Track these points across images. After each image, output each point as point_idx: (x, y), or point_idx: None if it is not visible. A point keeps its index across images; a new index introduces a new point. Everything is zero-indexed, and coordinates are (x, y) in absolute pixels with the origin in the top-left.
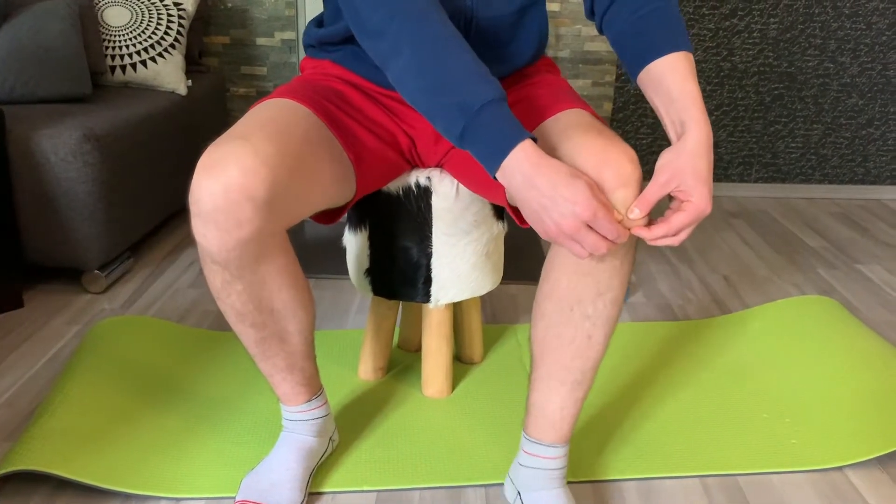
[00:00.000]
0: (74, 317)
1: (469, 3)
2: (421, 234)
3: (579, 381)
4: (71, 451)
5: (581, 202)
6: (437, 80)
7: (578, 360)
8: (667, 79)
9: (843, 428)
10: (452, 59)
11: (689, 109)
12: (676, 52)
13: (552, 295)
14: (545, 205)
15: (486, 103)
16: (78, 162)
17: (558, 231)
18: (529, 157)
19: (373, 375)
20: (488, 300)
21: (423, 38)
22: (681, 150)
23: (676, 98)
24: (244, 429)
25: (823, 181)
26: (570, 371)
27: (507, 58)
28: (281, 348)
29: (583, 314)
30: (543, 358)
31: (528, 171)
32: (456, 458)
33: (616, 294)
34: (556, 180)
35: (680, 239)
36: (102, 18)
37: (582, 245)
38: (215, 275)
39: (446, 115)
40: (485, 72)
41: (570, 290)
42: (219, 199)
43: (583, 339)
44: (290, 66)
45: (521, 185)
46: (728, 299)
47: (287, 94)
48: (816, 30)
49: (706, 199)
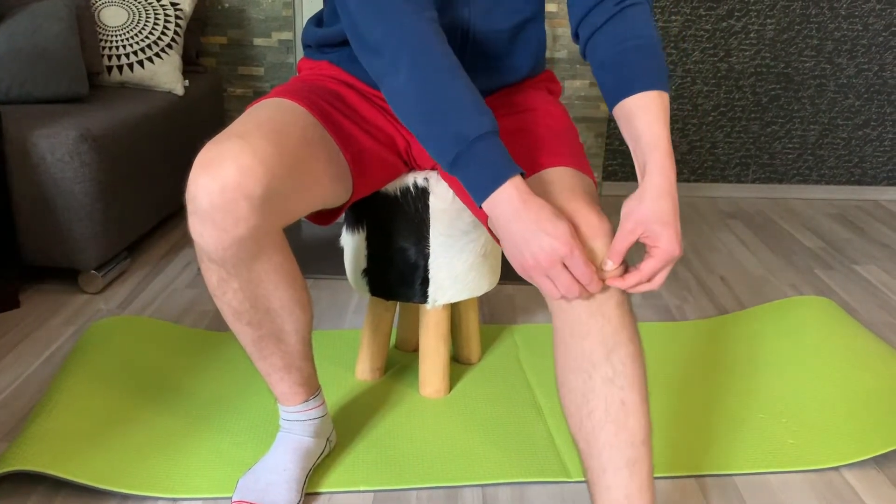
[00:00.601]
0: (71, 317)
1: (466, 15)
2: (418, 235)
3: (635, 460)
4: (68, 451)
5: (561, 238)
6: (434, 107)
7: (624, 434)
8: (636, 118)
9: (840, 428)
10: (450, 86)
11: (653, 152)
12: (650, 90)
13: (567, 364)
14: (527, 237)
15: (481, 135)
16: (75, 162)
17: (535, 264)
18: (519, 192)
19: (370, 376)
20: (486, 300)
21: (422, 62)
22: (642, 197)
23: (641, 139)
24: (241, 429)
25: (820, 182)
26: (619, 450)
27: (503, 71)
28: (278, 347)
29: (604, 378)
30: (591, 445)
31: (515, 204)
32: (453, 458)
33: (630, 350)
34: (540, 216)
35: (657, 283)
36: (99, 18)
37: (555, 283)
38: (212, 273)
39: (440, 141)
40: (480, 102)
41: (580, 353)
42: (215, 196)
43: (617, 407)
44: (288, 67)
45: (507, 217)
46: (725, 300)
47: (284, 94)
48: (813, 31)
49: (673, 242)
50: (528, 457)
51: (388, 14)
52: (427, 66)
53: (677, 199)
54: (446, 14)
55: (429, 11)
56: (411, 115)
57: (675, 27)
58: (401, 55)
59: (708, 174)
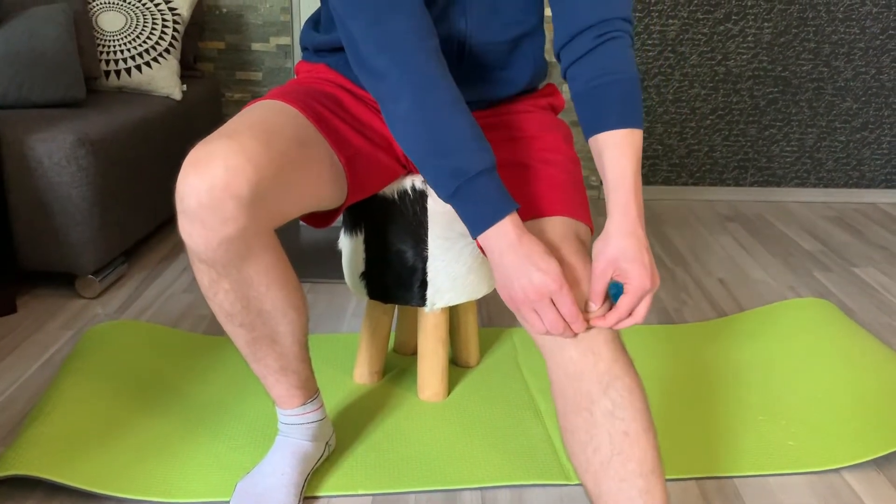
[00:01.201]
0: (68, 322)
1: (463, 27)
2: (416, 238)
3: (646, 491)
4: (65, 455)
5: (552, 273)
6: (435, 140)
7: (631, 464)
8: (605, 155)
9: (841, 430)
10: (452, 121)
11: (617, 191)
12: (621, 129)
13: (566, 405)
14: (518, 271)
15: (480, 171)
16: (72, 166)
17: (524, 297)
18: (515, 227)
19: (368, 379)
20: (484, 303)
21: (425, 95)
22: (607, 238)
23: (608, 177)
24: (239, 433)
25: (818, 185)
26: (630, 482)
27: (501, 83)
28: (272, 349)
29: (605, 412)
30: (600, 483)
31: (511, 239)
32: (452, 461)
33: (626, 383)
34: (533, 251)
35: (640, 316)
36: (97, 23)
37: (541, 318)
38: (203, 273)
39: (440, 174)
40: (480, 137)
41: (577, 394)
42: (203, 196)
43: (621, 438)
44: (286, 72)
45: (501, 250)
46: (724, 302)
47: (278, 96)
48: (810, 34)
49: (643, 277)
50: (527, 460)
51: (393, 43)
52: (430, 98)
53: (643, 234)
54: (443, 25)
55: (432, 41)
56: (412, 144)
57: (673, 31)
58: (403, 85)
59: (706, 177)
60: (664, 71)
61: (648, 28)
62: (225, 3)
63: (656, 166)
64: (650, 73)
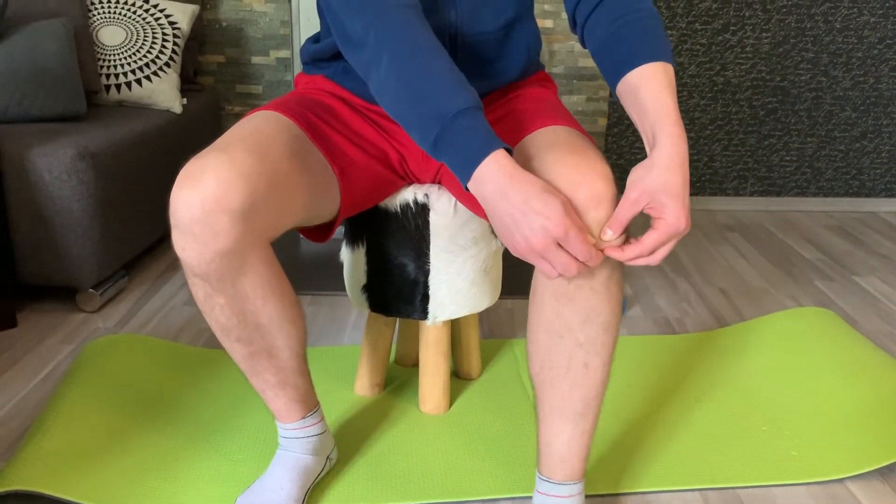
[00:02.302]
0: (68, 336)
1: (453, 19)
2: (418, 251)
3: (582, 413)
4: (65, 470)
5: (553, 218)
6: (414, 88)
7: (578, 390)
8: (642, 90)
9: (844, 439)
10: (429, 66)
11: (662, 122)
12: (654, 62)
13: (540, 323)
14: (516, 218)
15: (461, 110)
16: (72, 180)
17: (528, 247)
18: (503, 167)
19: (370, 391)
20: (485, 315)
21: (401, 47)
22: (651, 166)
23: (650, 110)
24: (239, 447)
25: (818, 194)
26: (571, 403)
27: (495, 74)
28: (270, 363)
29: (574, 342)
30: (543, 392)
31: (500, 181)
32: (454, 473)
33: (606, 319)
34: (529, 193)
35: (658, 258)
36: (97, 37)
37: (552, 264)
38: (198, 288)
39: (421, 122)
40: (461, 80)
41: (556, 316)
42: (195, 210)
43: (579, 368)
44: (286, 85)
45: (493, 196)
46: (725, 312)
47: (274, 106)
48: (808, 44)
49: (680, 216)
50: (529, 471)
51: (369, 7)
52: (405, 49)
53: (688, 171)
54: (433, 19)
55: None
56: (394, 102)
57: (671, 42)
58: (381, 44)
59: (706, 187)
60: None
61: None
62: (225, 16)
63: None
64: None
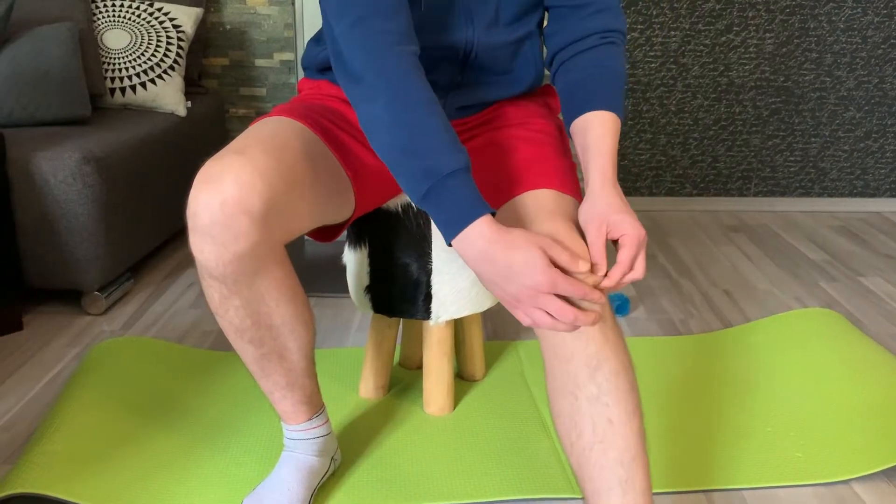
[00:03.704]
0: (74, 339)
1: (471, 34)
2: (420, 251)
3: (626, 479)
4: (71, 472)
5: (539, 274)
6: (408, 139)
7: (612, 452)
8: (592, 130)
9: (850, 440)
10: (425, 122)
11: (596, 158)
12: (609, 111)
13: (555, 388)
14: (502, 278)
15: (453, 171)
16: (78, 184)
17: (516, 302)
18: (484, 234)
19: (374, 393)
20: (489, 316)
21: (400, 94)
22: (593, 198)
23: (590, 146)
24: (245, 449)
25: (823, 194)
26: (610, 470)
27: (506, 84)
28: (280, 365)
29: (588, 398)
30: (582, 468)
31: (483, 246)
32: (459, 475)
33: (613, 366)
34: (511, 256)
35: (640, 270)
36: (102, 41)
37: (547, 312)
38: (213, 290)
39: (412, 174)
40: (454, 139)
41: (565, 377)
42: (216, 212)
43: (604, 426)
44: (289, 87)
45: (476, 259)
46: (730, 313)
47: (284, 112)
48: (812, 44)
49: (636, 225)
50: (534, 473)
51: (371, 46)
52: (404, 99)
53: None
54: (449, 34)
55: (411, 46)
56: (385, 143)
57: (675, 42)
58: (379, 84)
59: (710, 188)
60: (666, 82)
61: (650, 40)
62: (228, 19)
63: (660, 177)
64: (652, 84)
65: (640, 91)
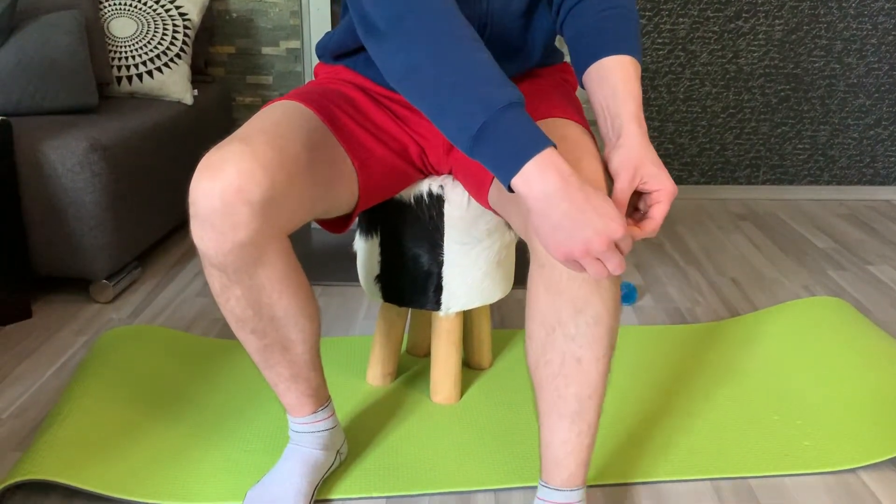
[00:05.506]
0: (82, 327)
1: (486, 8)
2: (432, 242)
3: (578, 412)
4: (80, 460)
5: (616, 219)
6: (455, 75)
7: (573, 387)
8: (614, 75)
9: (857, 429)
10: (474, 56)
11: (629, 105)
12: (627, 55)
13: (535, 317)
14: (576, 219)
15: (511, 103)
16: (85, 172)
17: (585, 249)
18: (558, 166)
19: (381, 381)
20: (497, 306)
21: (444, 32)
22: (630, 146)
23: (619, 93)
24: (252, 436)
25: (831, 182)
26: (565, 401)
27: (520, 56)
28: (284, 357)
29: (565, 335)
30: (540, 389)
31: (557, 180)
32: (465, 463)
33: (598, 312)
34: (589, 193)
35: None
36: (108, 30)
37: (606, 264)
38: (214, 279)
39: (462, 110)
40: (505, 76)
41: (549, 309)
42: (215, 200)
43: (572, 364)
44: (296, 75)
45: (548, 196)
46: (737, 302)
47: (295, 97)
48: (822, 31)
49: (671, 180)
50: None
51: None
52: (449, 36)
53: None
54: (466, 8)
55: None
56: (427, 88)
57: (683, 29)
58: (417, 29)
59: (718, 176)
60: (675, 70)
61: (658, 27)
62: (235, 7)
63: (668, 165)
64: (660, 71)
65: (648, 78)
